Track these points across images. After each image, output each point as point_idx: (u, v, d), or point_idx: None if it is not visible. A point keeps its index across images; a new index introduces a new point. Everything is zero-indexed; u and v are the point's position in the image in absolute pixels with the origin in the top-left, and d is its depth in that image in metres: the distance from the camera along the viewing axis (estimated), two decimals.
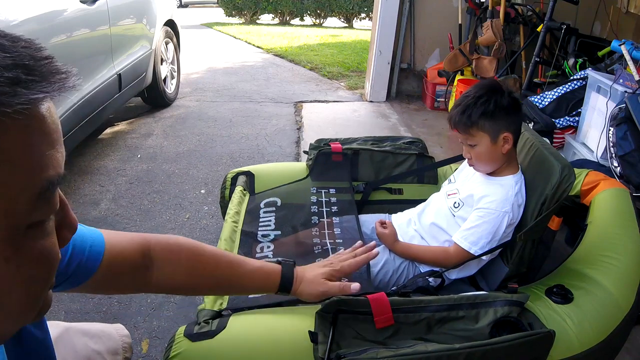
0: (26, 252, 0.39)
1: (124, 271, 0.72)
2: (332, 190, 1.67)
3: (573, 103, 2.70)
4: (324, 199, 1.63)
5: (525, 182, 1.35)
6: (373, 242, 1.07)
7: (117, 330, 0.93)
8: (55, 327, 0.82)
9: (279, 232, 1.46)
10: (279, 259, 0.90)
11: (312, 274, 0.90)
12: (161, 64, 3.54)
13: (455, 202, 1.35)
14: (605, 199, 1.45)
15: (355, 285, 0.92)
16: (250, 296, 1.11)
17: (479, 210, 1.28)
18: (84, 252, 0.66)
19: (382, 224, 1.41)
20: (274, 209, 1.57)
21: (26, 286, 0.40)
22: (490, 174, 1.34)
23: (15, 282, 0.39)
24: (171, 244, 0.77)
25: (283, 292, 0.88)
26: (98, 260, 0.68)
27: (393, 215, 1.55)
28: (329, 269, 0.91)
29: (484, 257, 1.29)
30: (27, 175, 0.37)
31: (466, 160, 1.48)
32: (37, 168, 0.38)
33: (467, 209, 1.32)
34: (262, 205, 1.58)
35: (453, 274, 1.34)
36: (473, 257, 1.27)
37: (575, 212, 1.58)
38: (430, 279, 1.31)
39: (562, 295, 1.11)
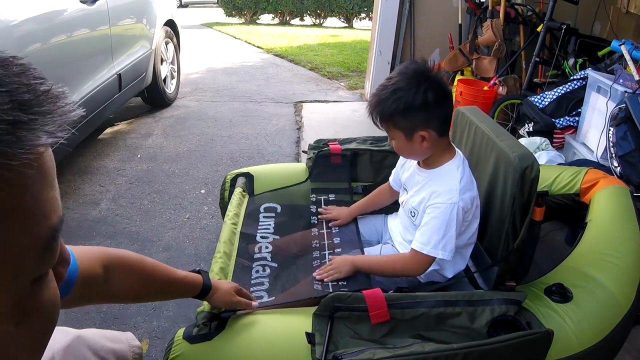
0: (32, 309, 0.34)
1: (92, 282, 0.72)
2: (331, 197, 1.67)
3: (573, 103, 2.70)
4: (322, 201, 1.64)
5: (488, 184, 1.32)
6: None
7: (129, 341, 0.90)
8: (66, 335, 0.80)
9: (277, 237, 1.46)
10: (198, 269, 0.98)
11: (226, 287, 1.02)
12: (161, 64, 3.54)
13: (411, 211, 1.27)
14: (605, 197, 1.44)
15: (255, 303, 1.09)
16: None
17: (428, 208, 1.18)
18: None
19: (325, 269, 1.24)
20: (273, 214, 1.57)
21: (33, 342, 0.35)
22: (427, 165, 1.24)
23: (23, 343, 0.34)
24: (121, 256, 0.79)
25: (201, 297, 0.96)
26: (75, 273, 0.66)
27: (389, 216, 1.53)
28: (236, 286, 1.06)
29: (443, 256, 1.16)
30: (33, 230, 0.31)
31: (407, 160, 1.39)
32: (42, 218, 0.32)
33: (422, 215, 1.23)
34: (261, 210, 1.58)
35: (449, 272, 1.31)
36: (432, 259, 1.17)
37: (575, 210, 1.58)
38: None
39: (561, 294, 1.10)
